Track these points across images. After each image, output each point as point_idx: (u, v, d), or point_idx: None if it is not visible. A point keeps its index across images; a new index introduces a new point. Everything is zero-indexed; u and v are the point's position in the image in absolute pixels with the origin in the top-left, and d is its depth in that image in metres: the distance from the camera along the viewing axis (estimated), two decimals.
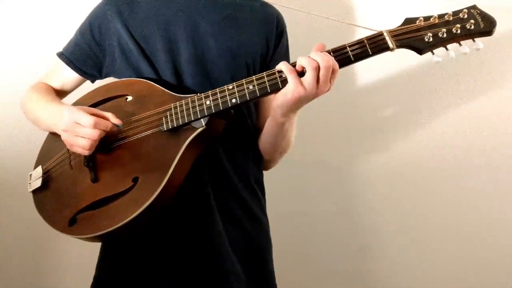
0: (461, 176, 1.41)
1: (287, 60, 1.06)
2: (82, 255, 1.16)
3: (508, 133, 1.37)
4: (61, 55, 1.06)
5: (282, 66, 0.82)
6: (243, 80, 0.85)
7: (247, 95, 0.84)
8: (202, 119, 0.86)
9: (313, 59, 0.80)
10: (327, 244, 1.50)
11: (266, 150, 1.03)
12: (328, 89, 0.83)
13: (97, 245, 1.00)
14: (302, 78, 0.81)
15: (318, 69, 0.80)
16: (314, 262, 1.51)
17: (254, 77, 0.84)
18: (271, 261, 1.04)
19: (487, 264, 1.43)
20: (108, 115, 0.88)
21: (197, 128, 0.86)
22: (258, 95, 0.83)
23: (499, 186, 1.40)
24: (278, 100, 0.85)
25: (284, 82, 0.82)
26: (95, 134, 0.85)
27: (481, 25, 0.78)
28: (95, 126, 0.85)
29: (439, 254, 1.45)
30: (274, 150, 1.02)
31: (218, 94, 0.86)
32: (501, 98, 1.36)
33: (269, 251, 1.04)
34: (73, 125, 0.86)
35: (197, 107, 0.86)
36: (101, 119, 0.86)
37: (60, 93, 1.08)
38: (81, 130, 0.85)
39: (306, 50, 0.87)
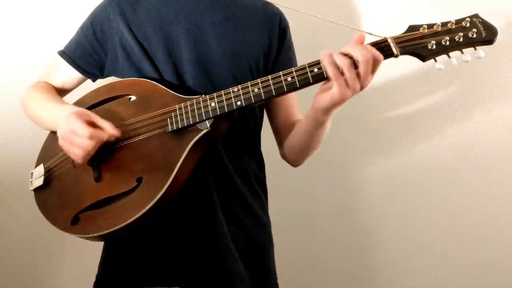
0: (463, 177, 1.43)
1: (292, 58, 1.07)
2: (84, 254, 1.16)
3: (509, 135, 1.39)
4: (62, 54, 1.05)
5: (328, 68, 0.78)
6: (248, 83, 0.85)
7: (252, 97, 0.84)
8: (206, 121, 0.87)
9: (348, 55, 0.78)
10: (329, 244, 1.51)
11: (300, 150, 1.01)
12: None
13: (99, 245, 1.00)
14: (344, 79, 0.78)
15: (353, 65, 0.78)
16: (315, 262, 1.51)
17: (259, 80, 0.85)
18: (273, 260, 1.04)
19: (488, 265, 1.44)
20: (106, 125, 0.86)
21: (202, 130, 0.87)
22: (263, 98, 0.84)
23: (501, 187, 1.42)
24: (323, 102, 0.82)
25: (289, 85, 0.83)
26: (89, 145, 0.84)
27: (483, 34, 0.80)
28: (91, 137, 0.84)
29: (441, 254, 1.47)
30: (309, 148, 0.99)
31: (223, 96, 0.86)
32: (502, 100, 1.38)
33: (271, 251, 1.04)
34: (70, 134, 0.85)
35: (202, 109, 0.87)
36: (97, 130, 0.85)
37: (61, 92, 1.08)
38: (76, 140, 0.85)
39: (309, 52, 0.88)
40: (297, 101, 1.07)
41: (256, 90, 0.84)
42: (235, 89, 0.86)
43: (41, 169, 0.98)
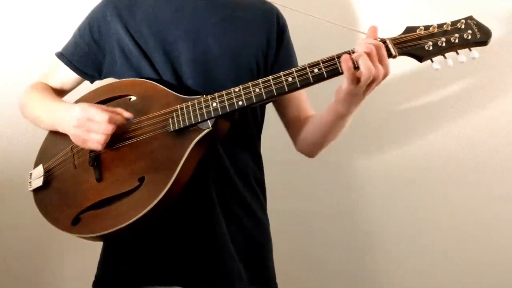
0: (463, 177, 1.43)
1: (292, 55, 1.07)
2: (84, 254, 1.16)
3: (510, 134, 1.39)
4: (60, 56, 1.05)
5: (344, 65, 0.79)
6: (249, 83, 0.86)
7: (253, 98, 0.85)
8: (208, 121, 0.87)
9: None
10: (329, 244, 1.51)
11: (318, 141, 1.02)
12: (386, 73, 0.81)
13: (99, 245, 1.00)
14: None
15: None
16: (315, 262, 1.51)
17: (260, 80, 0.86)
18: (272, 260, 1.04)
19: (488, 265, 1.44)
20: (118, 109, 0.90)
21: (203, 130, 0.87)
22: (264, 98, 0.85)
23: (501, 187, 1.41)
24: (341, 91, 0.83)
25: (290, 85, 0.84)
26: (109, 128, 0.86)
27: (478, 35, 0.81)
28: (110, 121, 0.86)
29: (441, 254, 1.47)
30: (326, 140, 1.01)
31: (225, 96, 0.87)
32: (501, 100, 1.38)
33: (270, 250, 1.04)
34: (86, 121, 0.87)
35: (204, 109, 0.87)
36: (114, 114, 0.88)
37: (60, 93, 1.08)
38: (95, 126, 0.87)
39: (307, 52, 0.89)
40: (306, 97, 1.08)
41: (257, 90, 0.85)
42: (236, 89, 0.87)
43: (40, 169, 0.98)
